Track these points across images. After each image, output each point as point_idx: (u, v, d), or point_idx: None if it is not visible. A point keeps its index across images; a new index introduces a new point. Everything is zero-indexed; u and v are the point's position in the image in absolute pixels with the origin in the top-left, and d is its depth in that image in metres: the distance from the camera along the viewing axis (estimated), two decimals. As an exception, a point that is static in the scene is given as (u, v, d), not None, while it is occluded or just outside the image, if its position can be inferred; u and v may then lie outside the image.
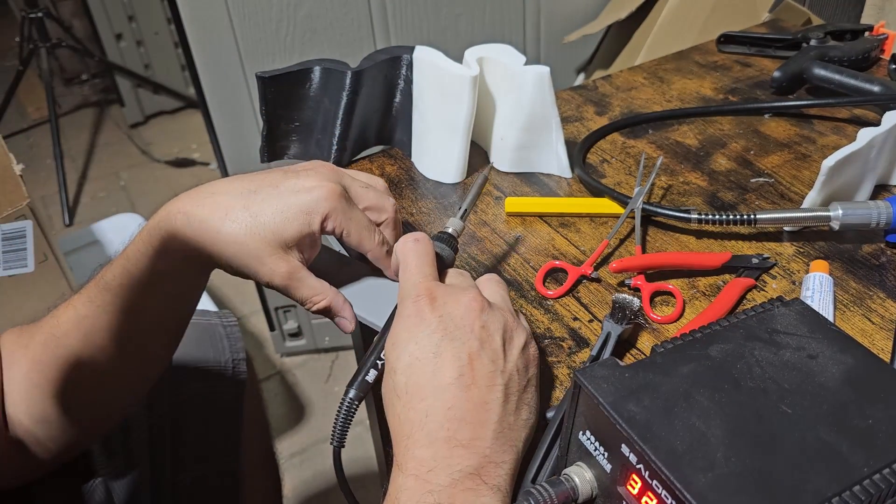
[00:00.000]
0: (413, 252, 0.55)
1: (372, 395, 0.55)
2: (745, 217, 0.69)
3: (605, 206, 0.76)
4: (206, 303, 1.33)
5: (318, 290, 0.58)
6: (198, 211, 0.56)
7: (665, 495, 0.38)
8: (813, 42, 0.99)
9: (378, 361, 0.54)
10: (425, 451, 0.46)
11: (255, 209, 0.56)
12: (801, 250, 0.70)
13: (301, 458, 1.67)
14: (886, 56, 0.99)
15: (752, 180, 0.80)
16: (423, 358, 0.49)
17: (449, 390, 0.47)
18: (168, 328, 0.65)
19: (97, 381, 0.64)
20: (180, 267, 0.59)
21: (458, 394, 0.47)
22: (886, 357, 0.58)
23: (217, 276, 0.61)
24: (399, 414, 0.49)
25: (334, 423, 0.53)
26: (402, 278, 0.54)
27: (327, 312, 0.60)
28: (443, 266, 0.57)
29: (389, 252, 0.61)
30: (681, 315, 0.64)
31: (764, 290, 0.66)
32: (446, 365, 0.48)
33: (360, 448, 1.58)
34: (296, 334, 1.83)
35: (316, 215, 0.56)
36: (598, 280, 0.69)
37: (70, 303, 0.61)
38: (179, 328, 0.66)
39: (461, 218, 0.61)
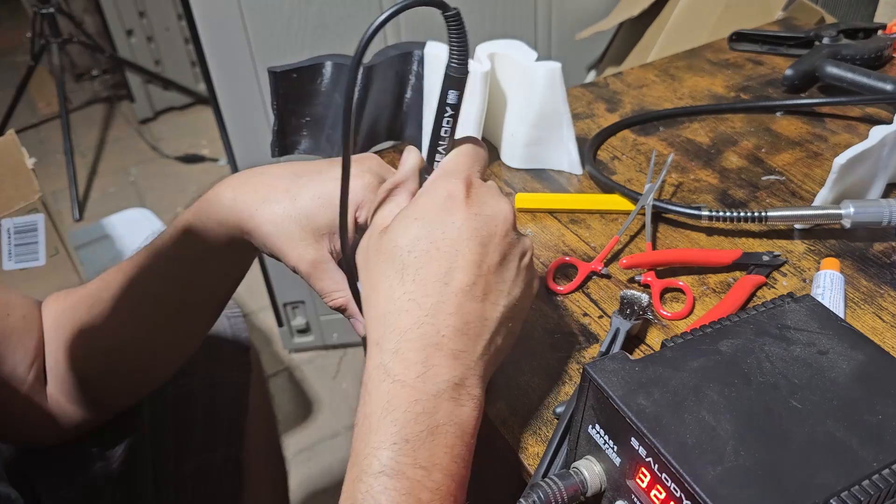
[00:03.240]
0: (470, 149, 0.51)
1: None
2: (756, 214, 0.68)
3: (616, 202, 0.76)
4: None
5: (339, 286, 0.57)
6: (243, 189, 0.57)
7: (674, 488, 0.38)
8: (825, 40, 0.98)
9: None
10: (416, 354, 0.45)
11: (294, 192, 0.56)
12: (812, 248, 0.70)
13: (308, 455, 1.67)
14: (899, 55, 0.99)
15: (764, 178, 0.80)
16: (444, 249, 0.46)
17: (458, 296, 0.46)
18: (209, 304, 0.66)
19: (137, 348, 0.65)
20: (224, 243, 0.59)
21: (465, 303, 0.46)
22: (897, 355, 0.58)
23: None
24: (396, 297, 0.46)
25: None
26: (447, 160, 0.51)
27: (344, 310, 0.59)
28: None
29: None
30: (691, 312, 0.64)
31: (774, 288, 0.66)
32: (464, 268, 0.46)
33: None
34: (304, 330, 1.83)
35: (351, 205, 0.55)
36: (608, 276, 0.69)
37: (119, 268, 0.63)
38: (220, 304, 0.68)
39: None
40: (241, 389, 0.85)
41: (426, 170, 0.52)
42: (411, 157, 0.52)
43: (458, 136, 0.52)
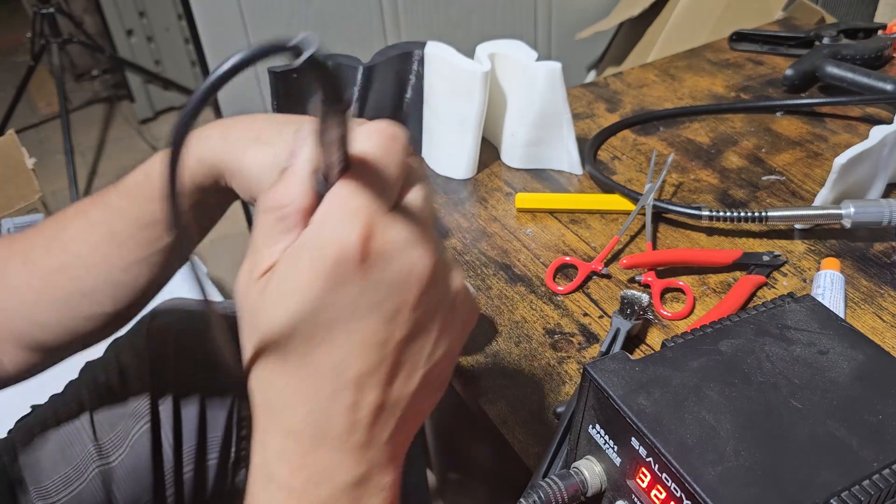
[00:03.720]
0: (375, 169, 0.35)
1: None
2: (756, 214, 0.68)
3: (616, 202, 0.76)
4: (210, 291, 1.33)
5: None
6: (231, 131, 0.55)
7: (674, 488, 0.38)
8: (826, 40, 0.98)
9: None
10: (304, 456, 0.37)
11: (280, 142, 0.53)
12: (812, 248, 0.70)
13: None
14: (899, 55, 0.99)
15: (764, 178, 0.80)
16: (335, 332, 0.35)
17: (355, 386, 0.36)
18: (172, 251, 0.61)
19: (95, 292, 0.60)
20: (201, 181, 0.56)
21: (366, 391, 0.36)
22: (897, 355, 0.58)
23: (219, 266, 0.61)
24: (278, 387, 0.37)
25: None
26: (339, 192, 0.35)
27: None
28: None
29: None
30: (691, 311, 0.64)
31: (774, 288, 0.66)
32: (362, 353, 0.36)
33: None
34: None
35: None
36: (608, 276, 0.69)
37: (80, 209, 0.59)
38: (186, 251, 0.64)
39: None
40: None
41: (322, 176, 0.36)
42: (303, 155, 0.37)
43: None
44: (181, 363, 0.79)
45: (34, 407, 0.82)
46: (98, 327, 0.63)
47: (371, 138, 0.35)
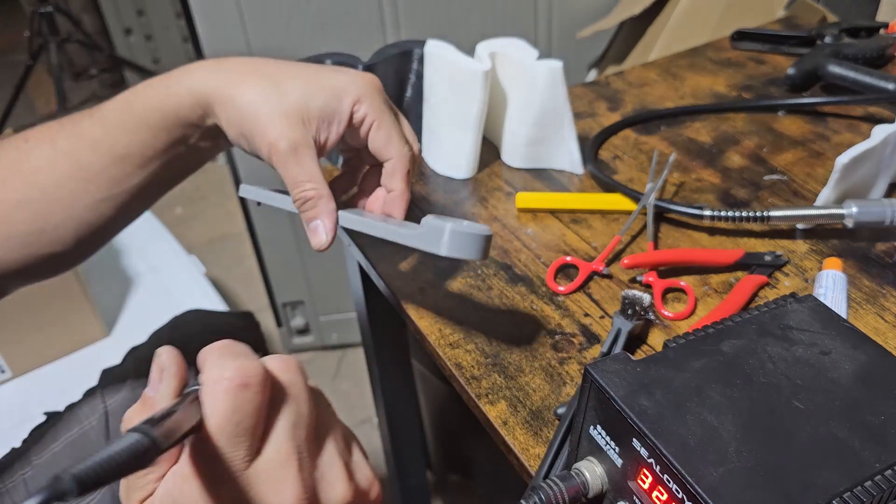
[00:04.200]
0: (228, 411, 0.33)
1: (379, 385, 0.54)
2: (758, 214, 0.68)
3: (617, 202, 0.76)
4: (216, 302, 1.33)
5: (314, 177, 0.51)
6: (223, 67, 0.53)
7: (676, 489, 0.38)
8: (828, 39, 0.98)
9: None
10: None
11: (280, 78, 0.51)
12: (815, 248, 0.70)
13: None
14: (901, 54, 0.99)
15: (766, 178, 0.79)
16: None
17: None
18: (151, 186, 0.57)
19: (58, 231, 0.55)
20: (186, 115, 0.53)
21: None
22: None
23: (224, 272, 0.60)
24: None
25: None
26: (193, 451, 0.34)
27: (310, 209, 0.53)
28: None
29: (408, 181, 0.55)
30: (692, 312, 0.64)
31: (776, 288, 0.66)
32: None
33: (365, 445, 1.58)
34: (303, 331, 1.83)
35: (348, 96, 0.51)
36: (609, 276, 0.68)
37: (46, 135, 0.54)
38: (162, 188, 0.59)
39: None
40: None
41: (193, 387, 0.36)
42: (165, 387, 0.36)
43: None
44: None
45: (48, 414, 0.81)
46: (51, 267, 0.58)
47: (217, 400, 0.33)
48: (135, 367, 0.82)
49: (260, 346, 0.88)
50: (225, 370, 0.34)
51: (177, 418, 0.32)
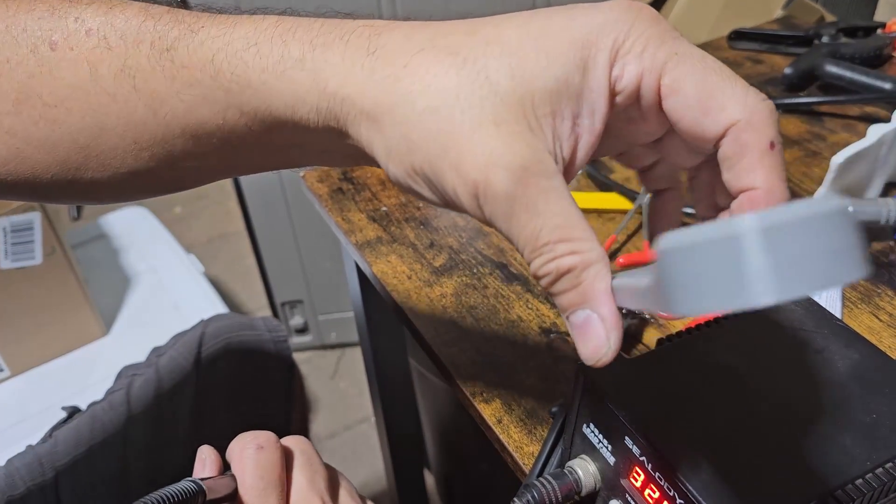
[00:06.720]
0: (253, 481, 0.42)
1: (377, 384, 0.55)
2: (754, 213, 0.68)
3: (614, 201, 0.76)
4: (215, 302, 1.33)
5: (570, 225, 0.29)
6: (374, 42, 0.34)
7: (668, 487, 0.38)
8: (825, 39, 0.98)
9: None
10: None
11: (473, 47, 0.30)
12: (810, 247, 0.70)
13: (307, 453, 1.67)
14: (898, 54, 0.99)
15: (761, 177, 0.79)
16: None
17: None
18: (230, 171, 0.40)
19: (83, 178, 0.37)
20: (309, 123, 0.32)
21: None
22: (894, 355, 0.58)
23: (223, 271, 0.60)
24: None
25: None
26: None
27: (570, 287, 0.31)
28: None
29: (782, 164, 0.32)
30: (687, 310, 0.64)
31: (771, 287, 0.66)
32: None
33: (363, 445, 1.58)
34: (302, 330, 1.83)
35: (600, 51, 0.28)
36: (604, 275, 0.68)
37: (85, 57, 0.33)
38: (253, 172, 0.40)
39: None
40: (284, 418, 0.85)
41: None
42: (207, 472, 0.44)
43: None
44: (230, 399, 0.79)
45: (67, 409, 0.81)
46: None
47: (243, 464, 0.42)
48: (156, 373, 0.82)
49: (284, 351, 0.88)
50: (245, 443, 0.43)
51: (217, 481, 0.42)
